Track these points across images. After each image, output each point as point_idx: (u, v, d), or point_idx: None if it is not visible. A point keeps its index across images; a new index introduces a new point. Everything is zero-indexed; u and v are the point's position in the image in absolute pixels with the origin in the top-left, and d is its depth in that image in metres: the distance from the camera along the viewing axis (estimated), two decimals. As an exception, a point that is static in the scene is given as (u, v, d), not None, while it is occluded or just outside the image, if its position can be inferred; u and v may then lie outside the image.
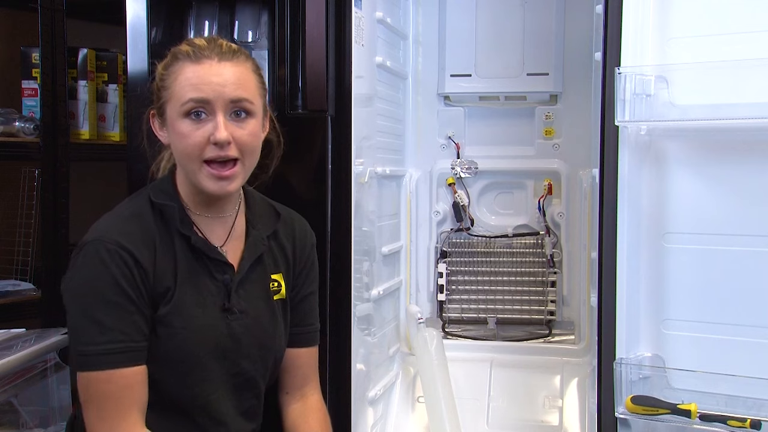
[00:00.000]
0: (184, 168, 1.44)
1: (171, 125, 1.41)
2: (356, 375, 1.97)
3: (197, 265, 1.44)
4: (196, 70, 1.39)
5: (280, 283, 1.56)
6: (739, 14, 1.58)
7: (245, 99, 1.40)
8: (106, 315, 1.33)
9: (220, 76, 1.38)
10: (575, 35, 2.42)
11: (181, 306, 1.41)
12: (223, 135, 1.36)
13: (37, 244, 2.57)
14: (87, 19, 2.83)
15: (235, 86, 1.39)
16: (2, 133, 2.49)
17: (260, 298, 1.52)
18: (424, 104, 2.56)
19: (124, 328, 1.34)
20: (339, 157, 1.89)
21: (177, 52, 1.43)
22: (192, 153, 1.38)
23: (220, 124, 1.37)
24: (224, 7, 2.00)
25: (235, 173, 1.40)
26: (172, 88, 1.40)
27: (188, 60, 1.40)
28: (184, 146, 1.39)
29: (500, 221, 2.56)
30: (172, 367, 1.40)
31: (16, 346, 1.91)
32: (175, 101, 1.39)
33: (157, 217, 1.44)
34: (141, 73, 1.99)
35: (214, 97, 1.37)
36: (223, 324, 1.45)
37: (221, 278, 1.46)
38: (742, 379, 1.54)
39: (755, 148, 1.57)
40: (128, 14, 1.96)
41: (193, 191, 1.46)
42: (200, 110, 1.38)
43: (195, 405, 1.44)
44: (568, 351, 2.43)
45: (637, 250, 1.65)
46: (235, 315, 1.46)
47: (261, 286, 1.52)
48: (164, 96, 1.42)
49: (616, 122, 1.61)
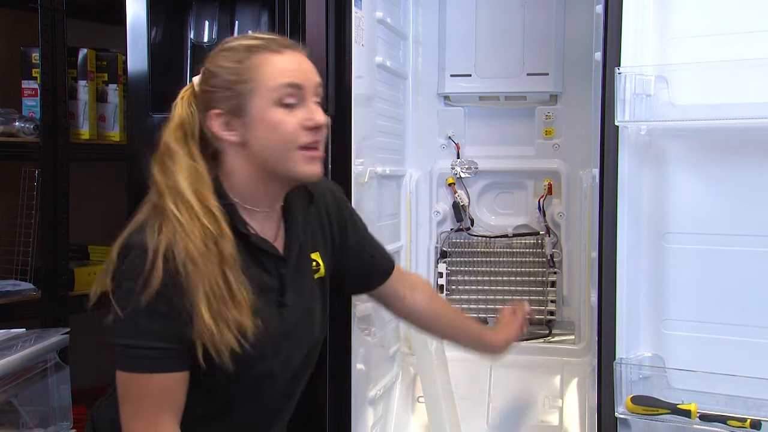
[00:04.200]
0: (274, 159, 1.39)
1: (260, 116, 1.37)
2: (356, 375, 1.97)
3: (252, 262, 1.41)
4: (283, 58, 1.38)
5: (319, 262, 1.55)
6: (739, 14, 1.58)
7: (322, 85, 1.44)
8: (153, 321, 1.31)
9: (305, 63, 1.41)
10: (575, 35, 2.42)
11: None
12: (323, 117, 1.39)
13: (37, 244, 2.56)
14: (87, 19, 2.83)
15: (315, 73, 1.42)
16: (2, 133, 2.49)
17: (306, 285, 1.52)
18: (424, 104, 2.56)
19: (168, 334, 1.31)
20: (339, 157, 1.89)
21: (248, 46, 1.39)
22: (289, 140, 1.37)
23: (317, 109, 1.39)
24: (224, 7, 2.01)
25: (323, 156, 1.43)
26: (259, 79, 1.37)
27: (267, 51, 1.38)
28: (280, 134, 1.37)
29: (500, 221, 2.56)
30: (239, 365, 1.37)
31: (16, 346, 1.91)
32: (265, 90, 1.36)
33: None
34: (141, 73, 1.99)
35: (306, 83, 1.39)
36: (280, 319, 1.44)
37: (276, 273, 1.45)
38: (742, 379, 1.54)
39: (755, 148, 1.57)
40: (128, 14, 1.96)
41: (260, 186, 1.42)
42: (292, 98, 1.37)
43: (252, 401, 1.45)
44: (568, 351, 2.44)
45: (637, 250, 1.65)
46: (288, 308, 1.45)
47: (307, 273, 1.53)
48: (244, 89, 1.37)
49: (616, 122, 1.60)
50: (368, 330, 2.12)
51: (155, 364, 1.32)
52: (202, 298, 1.29)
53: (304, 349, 1.51)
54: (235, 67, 1.38)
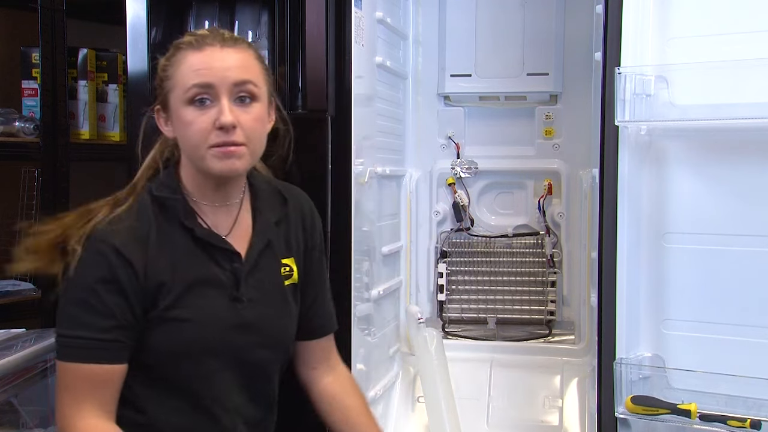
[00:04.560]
0: (190, 157, 1.43)
1: (176, 114, 1.40)
2: (356, 375, 1.97)
3: (203, 256, 1.43)
4: (198, 56, 1.38)
5: (292, 267, 1.55)
6: (739, 14, 1.58)
7: (249, 81, 1.39)
8: (88, 312, 1.35)
9: (223, 61, 1.38)
10: (575, 35, 2.42)
11: (186, 299, 1.41)
12: (228, 118, 1.35)
13: (37, 244, 2.56)
14: (87, 19, 2.83)
15: (239, 69, 1.39)
16: (2, 133, 2.49)
17: (273, 285, 1.51)
18: (424, 104, 2.56)
19: (104, 327, 1.35)
20: (339, 157, 1.89)
21: (179, 43, 1.42)
22: (198, 139, 1.37)
23: (225, 108, 1.36)
24: (224, 7, 2.00)
25: (241, 150, 1.39)
26: (176, 77, 1.39)
27: (191, 48, 1.39)
28: (190, 133, 1.38)
29: (500, 221, 2.56)
30: (180, 359, 1.41)
31: (16, 346, 1.91)
32: (179, 89, 1.38)
33: (157, 212, 1.43)
34: (141, 73, 1.99)
35: (217, 82, 1.37)
36: (233, 314, 1.44)
37: (229, 267, 1.45)
38: (742, 379, 1.54)
39: (755, 148, 1.57)
40: (128, 14, 1.96)
41: (200, 179, 1.45)
42: (204, 96, 1.37)
43: (207, 395, 1.44)
44: (568, 351, 2.43)
45: (637, 250, 1.65)
46: (244, 304, 1.45)
47: (273, 273, 1.52)
48: (167, 86, 1.41)
49: (616, 122, 1.61)
50: (368, 330, 2.12)
51: (85, 354, 1.36)
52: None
53: (271, 350, 1.51)
54: (163, 65, 1.43)
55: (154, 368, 1.42)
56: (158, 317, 1.39)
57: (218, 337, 1.43)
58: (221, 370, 1.44)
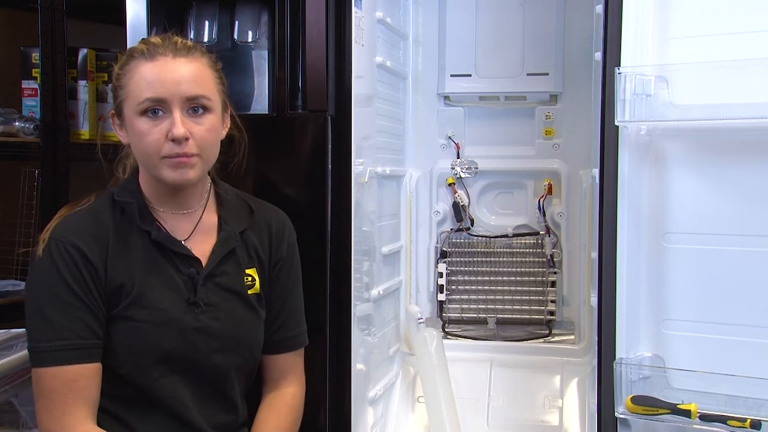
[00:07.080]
0: (144, 165, 1.46)
1: (129, 124, 1.42)
2: (356, 375, 1.97)
3: (162, 260, 1.46)
4: (150, 67, 1.39)
5: (254, 277, 1.56)
6: (739, 14, 1.57)
7: (202, 96, 1.41)
8: (54, 312, 1.36)
9: (175, 73, 1.39)
10: (575, 35, 2.42)
11: (143, 300, 1.42)
12: (180, 131, 1.37)
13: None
14: (87, 19, 2.83)
15: (191, 83, 1.40)
16: (2, 133, 2.49)
17: (234, 292, 1.52)
18: (424, 104, 2.56)
19: (73, 326, 1.36)
20: (339, 157, 1.89)
21: (132, 50, 1.43)
22: (150, 150, 1.40)
23: (177, 121, 1.38)
24: (224, 7, 2.00)
25: (193, 161, 1.41)
26: (128, 87, 1.40)
27: (143, 58, 1.40)
28: (143, 144, 1.40)
29: (500, 221, 2.56)
30: (137, 360, 1.42)
31: (16, 346, 1.92)
32: (132, 100, 1.40)
33: (117, 215, 1.46)
34: (141, 73, 1.98)
35: (169, 96, 1.38)
36: (190, 317, 1.46)
37: (186, 272, 1.47)
38: (742, 379, 1.54)
39: (755, 148, 1.57)
40: (128, 14, 1.96)
41: (156, 187, 1.48)
42: (157, 108, 1.38)
43: (164, 397, 1.45)
44: (568, 351, 2.43)
45: (637, 250, 1.65)
46: (201, 308, 1.46)
47: (234, 281, 1.53)
48: (121, 95, 1.42)
49: (616, 122, 1.61)
50: (368, 330, 2.12)
51: (57, 357, 1.36)
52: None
53: (230, 355, 1.51)
54: (117, 72, 1.44)
55: (118, 370, 1.43)
56: (118, 316, 1.41)
57: (175, 340, 1.44)
58: (177, 373, 1.45)
